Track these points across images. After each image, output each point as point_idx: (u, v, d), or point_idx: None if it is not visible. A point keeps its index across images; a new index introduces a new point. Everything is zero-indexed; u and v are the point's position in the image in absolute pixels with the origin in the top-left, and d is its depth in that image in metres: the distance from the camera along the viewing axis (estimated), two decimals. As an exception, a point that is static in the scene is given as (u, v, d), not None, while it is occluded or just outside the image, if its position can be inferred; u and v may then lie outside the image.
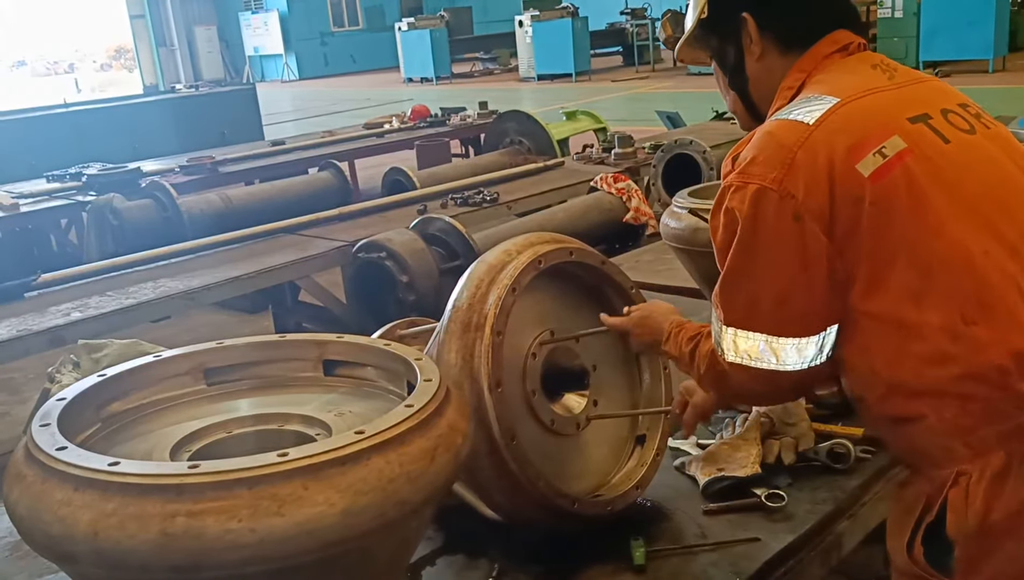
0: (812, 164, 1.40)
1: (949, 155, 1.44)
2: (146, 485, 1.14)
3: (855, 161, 1.39)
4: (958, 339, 1.36)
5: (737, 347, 1.50)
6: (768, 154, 1.44)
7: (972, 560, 1.37)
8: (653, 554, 1.89)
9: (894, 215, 1.38)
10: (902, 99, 1.52)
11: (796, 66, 1.61)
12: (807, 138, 1.42)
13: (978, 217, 1.40)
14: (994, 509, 1.34)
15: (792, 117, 1.47)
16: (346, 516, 1.17)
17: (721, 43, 1.72)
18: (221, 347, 1.64)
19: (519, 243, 2.01)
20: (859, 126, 1.43)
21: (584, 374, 2.08)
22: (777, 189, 1.41)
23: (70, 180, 6.95)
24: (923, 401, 1.40)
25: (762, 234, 1.43)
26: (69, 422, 1.36)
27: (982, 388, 1.35)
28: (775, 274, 1.44)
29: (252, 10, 30.07)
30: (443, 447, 1.30)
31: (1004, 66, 15.70)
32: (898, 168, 1.39)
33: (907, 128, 1.44)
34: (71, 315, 3.97)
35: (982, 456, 1.37)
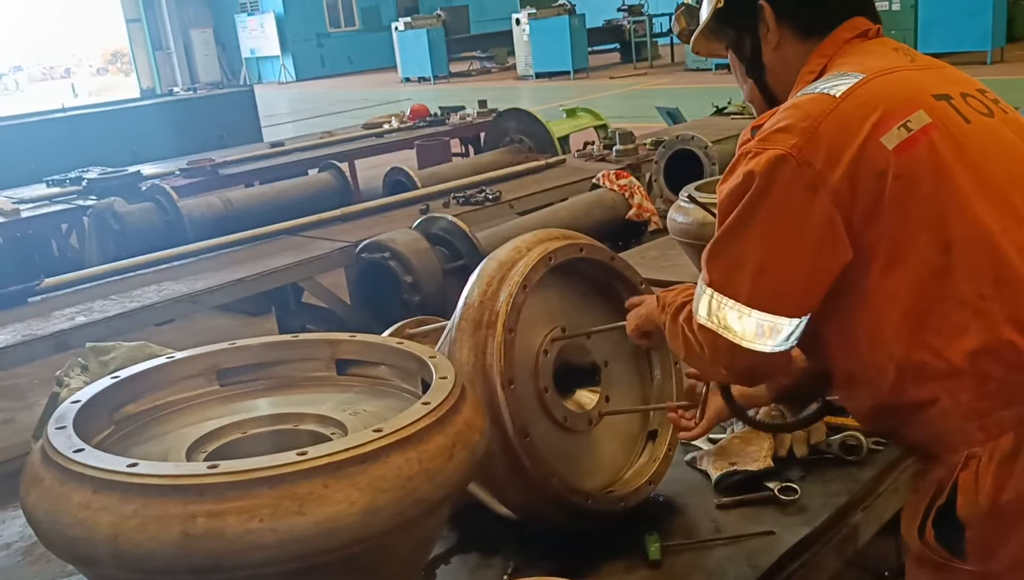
0: (836, 136, 1.39)
1: (971, 135, 1.44)
2: (166, 486, 1.14)
3: (880, 134, 1.39)
4: (976, 315, 1.35)
5: (711, 310, 1.48)
6: (791, 123, 1.43)
7: (985, 542, 1.37)
8: (667, 549, 1.89)
9: (918, 190, 1.38)
10: (925, 78, 1.52)
11: (817, 51, 1.61)
12: (833, 109, 1.42)
13: (999, 196, 1.40)
14: (1005, 490, 1.34)
15: (819, 91, 1.47)
16: (366, 514, 1.16)
17: (738, 33, 1.71)
18: (234, 348, 1.63)
19: (529, 240, 2.00)
20: (884, 100, 1.43)
21: (596, 370, 2.07)
22: (796, 156, 1.39)
23: (70, 185, 6.94)
24: (939, 383, 1.39)
25: (768, 199, 1.42)
26: (84, 425, 1.36)
27: (998, 367, 1.35)
28: (766, 239, 1.43)
29: (248, 12, 30.04)
30: (461, 444, 1.29)
31: (1002, 57, 15.68)
32: (923, 142, 1.39)
33: (932, 104, 1.45)
34: (75, 319, 3.97)
35: (994, 438, 1.37)
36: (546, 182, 6.23)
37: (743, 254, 1.45)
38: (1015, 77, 13.40)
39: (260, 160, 8.01)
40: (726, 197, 1.49)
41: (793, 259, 1.42)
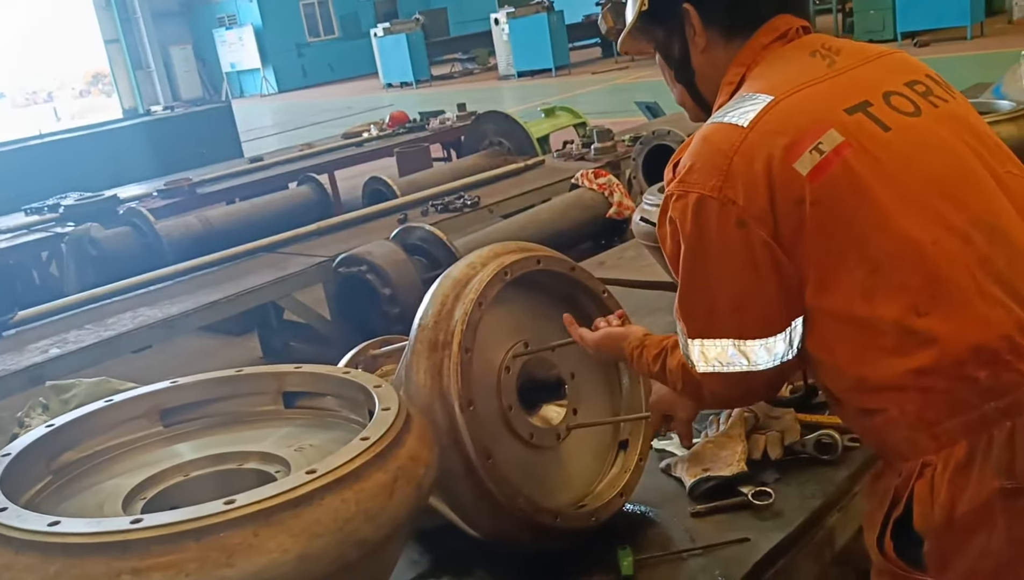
0: (749, 169, 1.36)
1: (890, 145, 1.39)
2: (88, 544, 1.09)
3: (792, 160, 1.34)
4: (913, 333, 1.32)
5: (706, 356, 1.47)
6: (704, 161, 1.41)
7: (942, 554, 1.34)
8: (641, 563, 1.84)
9: (838, 212, 1.35)
10: (839, 89, 1.46)
11: (735, 60, 1.57)
12: (742, 142, 1.38)
13: (924, 207, 1.35)
14: (960, 502, 1.31)
15: (727, 120, 1.43)
16: (302, 562, 1.12)
17: (665, 35, 1.67)
18: (176, 386, 1.58)
19: (484, 255, 1.96)
20: (794, 124, 1.38)
21: (561, 384, 2.03)
22: (717, 197, 1.37)
23: (48, 212, 6.90)
24: (885, 395, 1.37)
25: (708, 243, 1.41)
26: (16, 478, 1.31)
27: (941, 380, 1.32)
28: (727, 281, 1.42)
29: (226, 26, 29.97)
30: (403, 479, 1.25)
31: (982, 32, 15.66)
32: (836, 164, 1.35)
33: (844, 120, 1.39)
34: (49, 352, 3.92)
35: (946, 447, 1.33)
36: (525, 184, 6.19)
37: (712, 301, 1.45)
38: (995, 51, 13.38)
39: (239, 177, 7.96)
40: (669, 244, 1.50)
41: (758, 289, 1.40)
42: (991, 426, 1.30)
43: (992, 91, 3.76)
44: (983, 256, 1.33)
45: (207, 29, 30.13)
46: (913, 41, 15.58)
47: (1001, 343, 1.29)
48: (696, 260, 1.43)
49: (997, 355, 1.29)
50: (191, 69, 29.69)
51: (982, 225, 1.35)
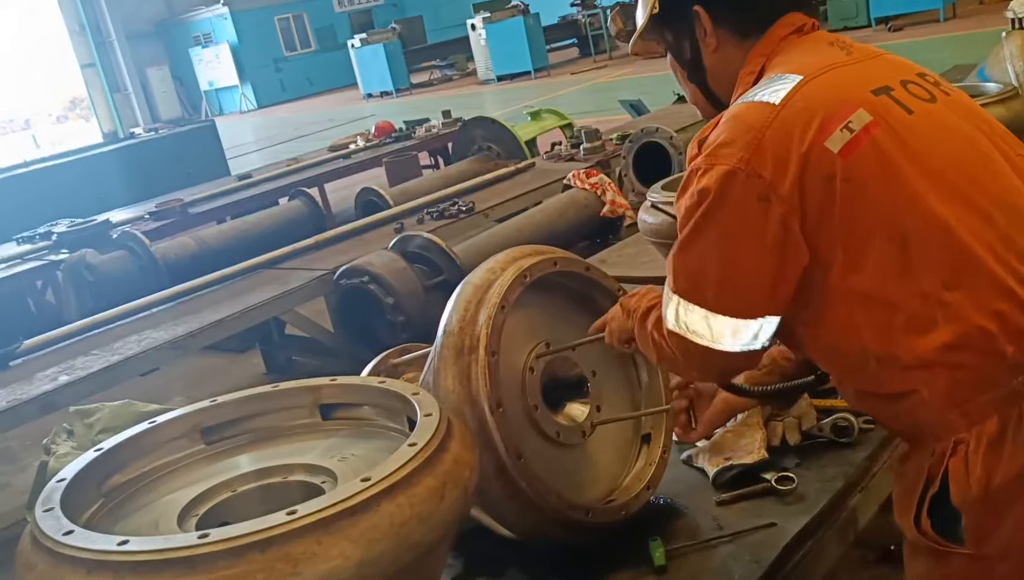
0: (781, 145, 1.39)
1: (914, 126, 1.43)
2: (158, 561, 1.13)
3: (823, 138, 1.38)
4: (942, 307, 1.35)
5: (678, 316, 1.51)
6: (735, 136, 1.43)
7: (981, 528, 1.36)
8: (672, 552, 1.88)
9: (867, 190, 1.38)
10: (863, 73, 1.51)
11: (754, 51, 1.61)
12: (775, 118, 1.41)
13: (949, 185, 1.39)
14: (995, 475, 1.34)
15: (757, 99, 1.46)
16: (362, 567, 1.16)
17: (676, 37, 1.71)
18: (215, 405, 1.62)
19: (502, 260, 2.00)
20: (824, 102, 1.42)
21: (583, 382, 2.07)
22: (745, 169, 1.40)
23: (40, 240, 6.87)
24: (915, 374, 1.39)
25: (725, 211, 1.43)
26: (72, 503, 1.34)
27: (970, 356, 1.35)
28: (726, 249, 1.44)
29: (202, 44, 29.91)
30: (451, 483, 1.29)
31: (955, 13, 15.83)
32: (866, 141, 1.39)
33: (871, 100, 1.44)
34: (59, 379, 3.93)
35: (978, 423, 1.36)
36: (518, 188, 6.23)
37: (704, 264, 1.47)
38: (969, 32, 13.52)
39: (229, 194, 7.96)
40: (683, 213, 1.50)
41: (753, 267, 1.43)
42: (1021, 400, 1.34)
43: (976, 74, 3.82)
44: (1004, 234, 1.37)
45: (183, 49, 30.05)
46: (887, 26, 15.74)
47: None
48: (706, 224, 1.45)
49: (1023, 330, 1.33)
50: (169, 89, 29.60)
51: (1002, 205, 1.39)
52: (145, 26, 29.84)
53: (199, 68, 30.02)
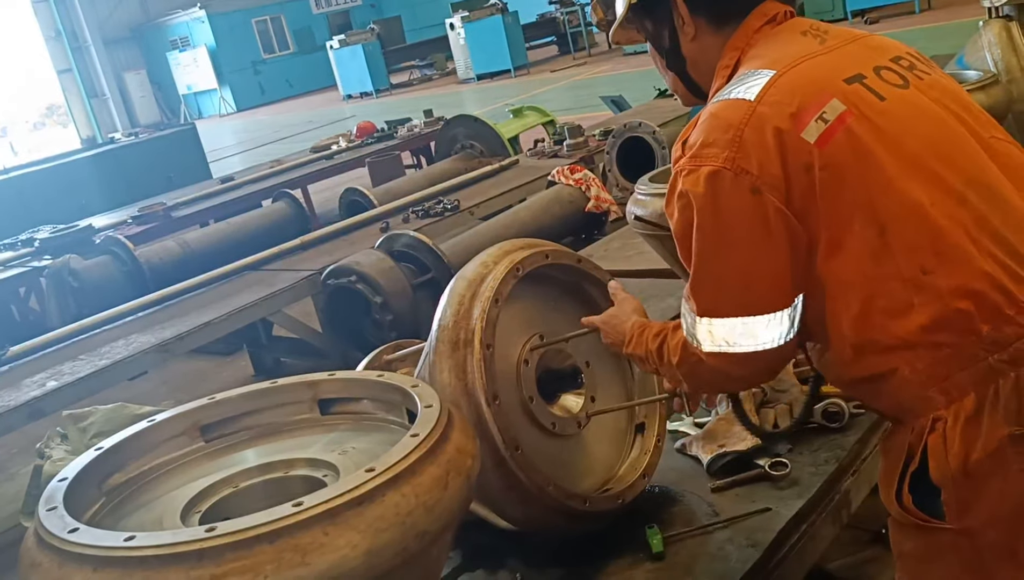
0: (760, 139, 1.42)
1: (887, 113, 1.46)
2: (166, 555, 1.13)
3: (799, 130, 1.41)
4: (920, 289, 1.38)
5: (713, 336, 1.50)
6: (716, 135, 1.45)
7: (960, 502, 1.39)
8: (669, 539, 1.91)
9: (844, 177, 1.40)
10: (835, 62, 1.53)
11: (729, 44, 1.63)
12: (752, 114, 1.43)
13: (923, 169, 1.42)
14: (973, 450, 1.37)
15: (733, 96, 1.49)
16: (370, 556, 1.17)
17: (655, 26, 1.73)
18: (214, 402, 1.62)
19: (494, 254, 2.01)
20: (798, 95, 1.44)
21: (577, 373, 2.08)
22: (731, 168, 1.42)
23: (22, 247, 6.82)
24: (895, 355, 1.42)
25: (721, 214, 1.44)
26: (74, 501, 1.34)
27: (949, 335, 1.38)
28: (739, 252, 1.45)
29: (180, 48, 29.73)
30: (455, 471, 1.30)
31: (930, 4, 15.95)
32: (840, 131, 1.41)
33: (844, 90, 1.46)
34: (47, 385, 3.91)
35: (956, 401, 1.39)
36: (502, 185, 6.23)
37: (721, 274, 1.48)
38: (944, 23, 13.64)
39: (212, 198, 7.92)
40: (677, 220, 1.52)
41: (769, 259, 1.44)
42: (997, 377, 1.37)
43: (956, 62, 3.87)
44: (979, 215, 1.40)
45: (160, 53, 29.87)
46: (863, 19, 15.85)
47: (1001, 297, 1.36)
48: (708, 233, 1.46)
49: (998, 309, 1.36)
50: (147, 94, 29.44)
51: (976, 185, 1.43)
52: (121, 31, 29.65)
53: (177, 72, 29.84)
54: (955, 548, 1.42)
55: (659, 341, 1.66)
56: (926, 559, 1.47)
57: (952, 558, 1.43)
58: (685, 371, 1.60)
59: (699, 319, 1.51)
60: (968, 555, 1.41)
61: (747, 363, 1.50)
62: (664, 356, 1.64)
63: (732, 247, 1.45)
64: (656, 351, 1.66)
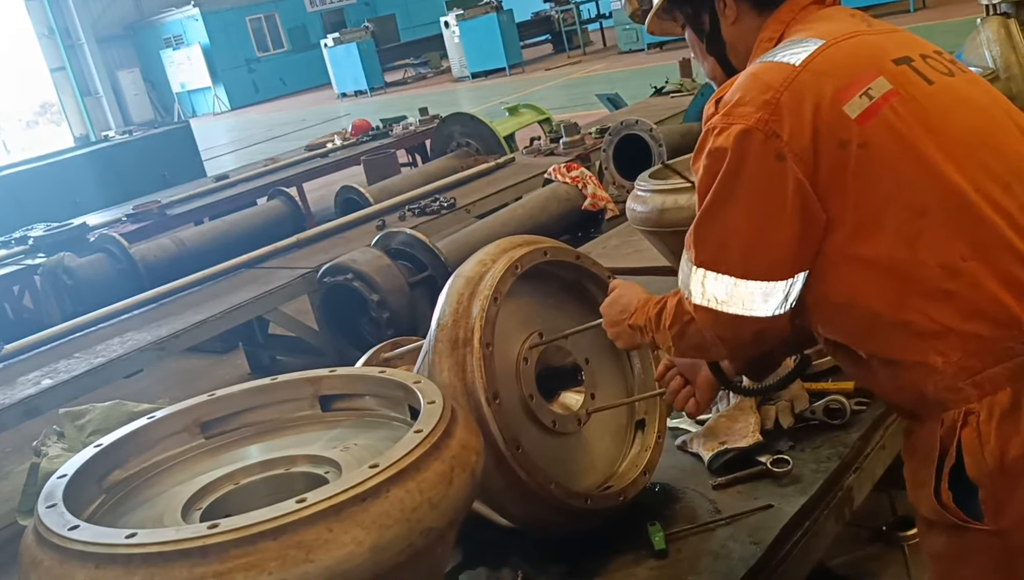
0: (797, 106, 1.40)
1: (934, 96, 1.44)
2: (169, 552, 1.12)
3: (842, 103, 1.40)
4: (957, 276, 1.36)
5: (705, 289, 1.48)
6: (753, 95, 1.43)
7: (998, 500, 1.36)
8: (671, 536, 1.90)
9: (885, 156, 1.38)
10: (884, 43, 1.52)
11: (774, 17, 1.61)
12: (793, 79, 1.42)
13: (967, 156, 1.40)
14: (1011, 447, 1.34)
15: (778, 59, 1.47)
16: (375, 552, 1.16)
17: (695, 10, 1.71)
18: (214, 399, 1.61)
19: (492, 251, 2.00)
20: (845, 67, 1.43)
21: (577, 370, 2.08)
22: (762, 129, 1.40)
23: (16, 245, 6.80)
24: (928, 343, 1.39)
25: (744, 173, 1.42)
26: (73, 498, 1.33)
27: (985, 326, 1.36)
28: (750, 212, 1.43)
29: (173, 47, 29.64)
30: (459, 467, 1.29)
31: (924, 3, 15.98)
32: (885, 109, 1.40)
33: (892, 69, 1.45)
34: (42, 383, 3.89)
35: (989, 394, 1.36)
36: (499, 183, 6.22)
37: (728, 230, 1.46)
38: (940, 21, 13.67)
39: (207, 196, 7.91)
40: (702, 175, 1.49)
41: (778, 227, 1.42)
42: None
43: (955, 58, 3.87)
44: (1023, 204, 1.38)
45: (154, 51, 29.78)
46: (859, 17, 15.87)
47: None
48: (727, 188, 1.44)
49: None
50: (140, 92, 29.35)
51: (1020, 175, 1.40)
52: (115, 29, 29.55)
53: (170, 70, 29.75)
54: (986, 549, 1.39)
55: (659, 306, 1.64)
56: (958, 558, 1.44)
57: (983, 559, 1.40)
58: (676, 332, 1.58)
59: (695, 269, 1.50)
60: (1000, 556, 1.38)
61: (733, 326, 1.48)
62: (661, 319, 1.62)
63: (745, 206, 1.43)
64: (655, 316, 1.64)
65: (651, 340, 1.70)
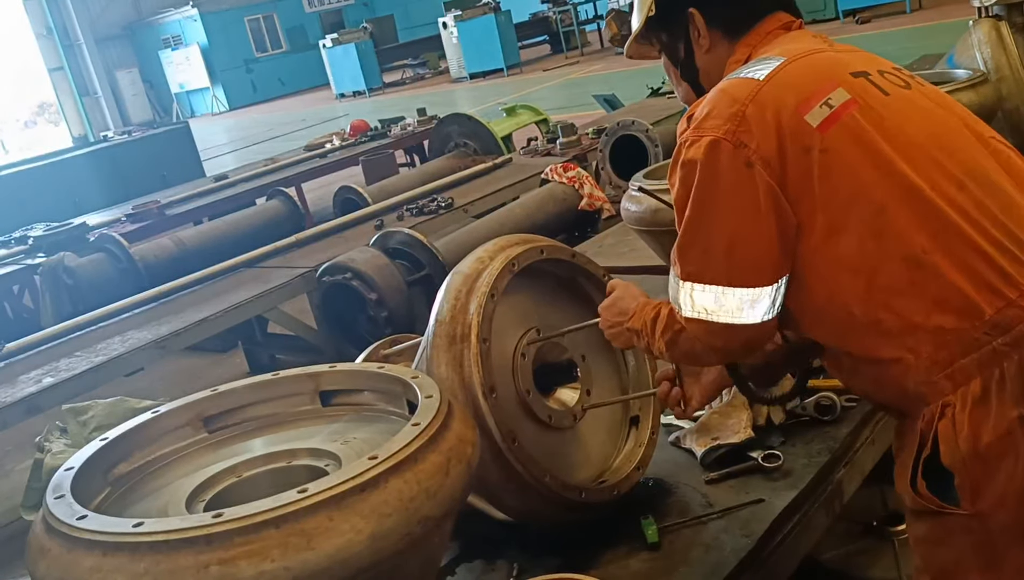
0: (762, 117, 1.47)
1: (890, 105, 1.52)
2: (174, 540, 1.16)
3: (804, 113, 1.47)
4: (920, 267, 1.42)
5: (694, 301, 1.53)
6: (721, 108, 1.50)
7: (973, 485, 1.42)
8: (664, 530, 1.94)
9: (845, 160, 1.45)
10: (843, 59, 1.61)
11: (743, 41, 1.69)
12: (757, 92, 1.49)
13: (923, 157, 1.47)
14: (982, 433, 1.40)
15: (744, 75, 1.55)
16: (374, 540, 1.19)
17: (671, 38, 1.78)
18: (216, 394, 1.65)
19: (490, 249, 2.03)
20: (806, 80, 1.51)
21: (573, 366, 2.11)
22: (730, 140, 1.47)
23: (15, 245, 6.82)
24: (900, 340, 1.45)
25: (717, 183, 1.48)
26: (80, 490, 1.37)
27: (950, 318, 1.42)
28: (728, 220, 1.49)
29: (172, 47, 29.63)
30: (456, 459, 1.33)
31: (920, 4, 16.02)
32: (845, 116, 1.47)
33: (850, 81, 1.53)
34: (43, 382, 3.92)
35: (963, 385, 1.42)
36: (496, 183, 6.26)
37: (709, 240, 1.51)
38: (936, 22, 13.71)
39: (206, 196, 7.93)
40: (678, 189, 1.56)
41: (756, 232, 1.47)
42: (1001, 360, 1.40)
43: (946, 61, 3.91)
44: (977, 200, 1.45)
45: (152, 51, 29.77)
46: (855, 18, 15.93)
47: (1000, 280, 1.40)
48: (701, 200, 1.50)
49: (998, 291, 1.40)
50: (139, 92, 29.34)
51: (975, 175, 1.48)
52: (113, 29, 29.55)
53: (169, 70, 29.74)
54: (967, 530, 1.44)
55: (655, 312, 1.70)
56: (939, 542, 1.50)
57: (963, 540, 1.45)
58: (668, 339, 1.64)
59: (682, 283, 1.55)
60: (979, 537, 1.44)
61: (724, 335, 1.53)
62: (656, 326, 1.67)
63: (723, 215, 1.49)
64: (651, 321, 1.69)
65: (646, 345, 1.75)
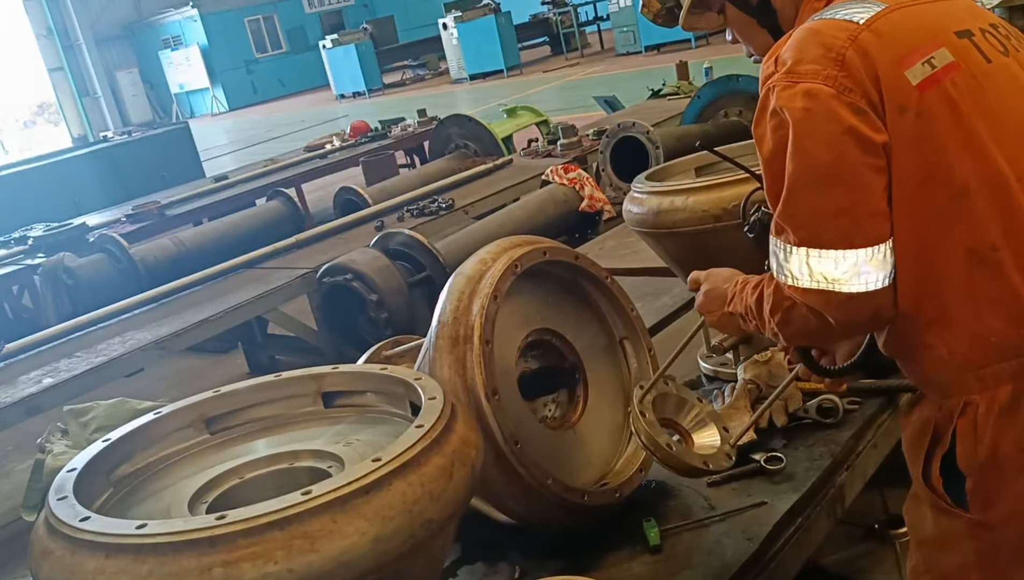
0: (861, 65, 1.34)
1: (991, 76, 1.39)
2: (178, 542, 1.15)
3: (904, 67, 1.34)
4: (983, 265, 1.33)
5: (811, 269, 1.36)
6: (817, 52, 1.36)
7: (985, 493, 1.38)
8: (666, 532, 1.93)
9: (936, 130, 1.33)
10: (946, 12, 1.46)
11: None
12: (857, 37, 1.36)
13: (1014, 143, 1.35)
14: (1004, 443, 1.35)
15: (840, 16, 1.40)
16: (377, 543, 1.19)
17: None
18: (219, 395, 1.64)
19: (493, 250, 2.03)
20: (908, 33, 1.38)
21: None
22: (833, 86, 1.33)
23: (15, 245, 6.82)
24: (938, 332, 1.37)
25: (819, 134, 1.34)
26: (83, 491, 1.36)
27: (998, 320, 1.34)
28: (842, 174, 1.33)
29: (172, 47, 29.65)
30: (459, 462, 1.32)
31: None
32: (945, 81, 1.35)
33: (955, 42, 1.40)
34: (43, 382, 3.92)
35: (991, 389, 1.36)
36: (496, 184, 6.26)
37: (822, 200, 1.35)
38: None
39: (206, 196, 7.94)
40: (767, 146, 1.41)
41: (872, 184, 1.33)
42: None
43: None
44: None
45: (152, 52, 29.79)
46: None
47: None
48: (807, 153, 1.34)
49: None
50: (139, 93, 29.36)
51: None
52: (113, 29, 29.56)
53: (169, 71, 29.76)
54: (973, 538, 1.40)
55: (757, 292, 1.54)
56: (943, 546, 1.46)
57: (968, 548, 1.41)
58: (779, 319, 1.47)
59: (795, 250, 1.38)
60: (984, 548, 1.40)
61: (847, 307, 1.36)
62: (762, 307, 1.51)
63: (834, 169, 1.33)
64: (755, 303, 1.54)
65: (754, 328, 1.61)
